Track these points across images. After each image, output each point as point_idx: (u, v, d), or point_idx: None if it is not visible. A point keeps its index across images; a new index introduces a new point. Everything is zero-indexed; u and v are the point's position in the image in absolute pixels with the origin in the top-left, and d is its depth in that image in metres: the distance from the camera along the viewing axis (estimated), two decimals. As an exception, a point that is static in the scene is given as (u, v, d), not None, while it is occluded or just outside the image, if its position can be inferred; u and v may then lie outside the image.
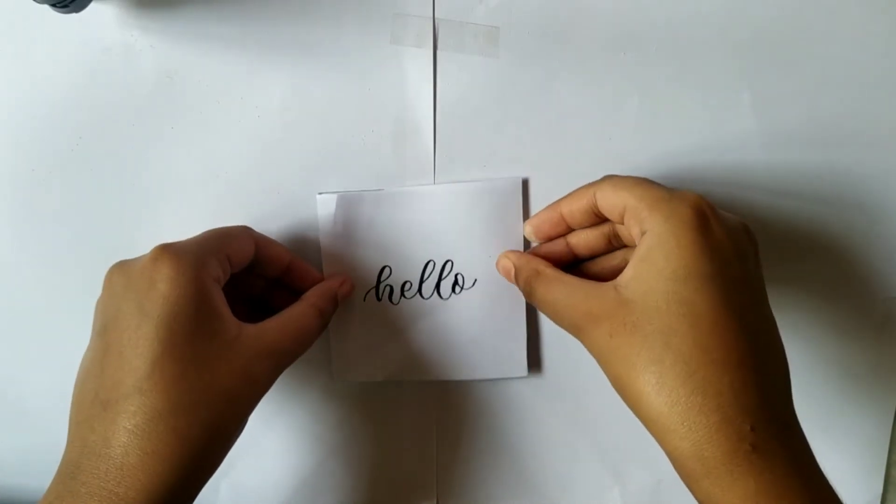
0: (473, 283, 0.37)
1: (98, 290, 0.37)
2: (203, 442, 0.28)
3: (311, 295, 0.35)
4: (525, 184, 0.36)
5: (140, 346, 0.28)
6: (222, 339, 0.29)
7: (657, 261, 0.28)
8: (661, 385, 0.26)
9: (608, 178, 0.31)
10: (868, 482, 0.41)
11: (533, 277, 0.33)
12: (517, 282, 0.35)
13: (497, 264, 0.36)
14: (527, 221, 0.35)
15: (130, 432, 0.27)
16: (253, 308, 0.37)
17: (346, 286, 0.37)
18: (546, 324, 0.38)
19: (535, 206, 0.36)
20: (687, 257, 0.27)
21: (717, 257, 0.28)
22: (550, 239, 0.35)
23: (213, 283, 0.30)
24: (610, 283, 0.29)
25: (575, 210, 0.33)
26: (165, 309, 0.28)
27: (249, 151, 0.36)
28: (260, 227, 0.36)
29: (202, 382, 0.28)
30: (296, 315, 0.33)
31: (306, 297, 0.35)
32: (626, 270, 0.29)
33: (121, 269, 0.31)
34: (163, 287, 0.28)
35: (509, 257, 0.35)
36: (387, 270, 0.37)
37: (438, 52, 0.35)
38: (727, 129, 0.36)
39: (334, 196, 0.37)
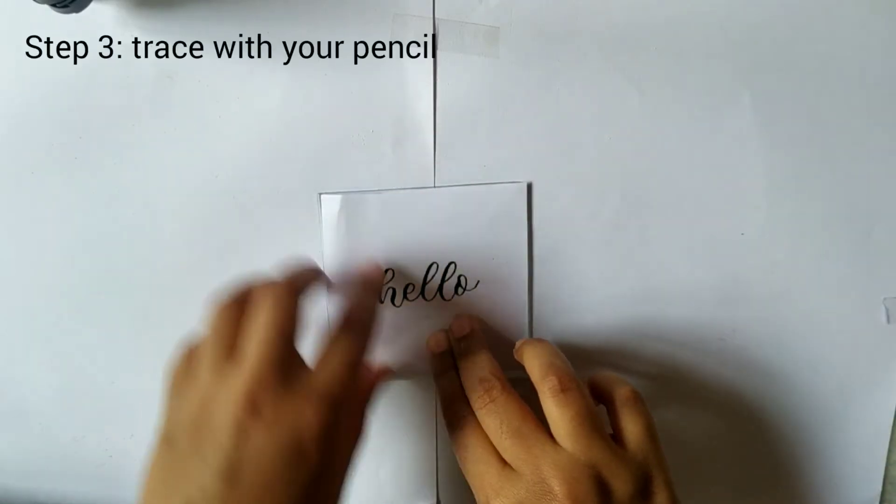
0: (476, 285, 0.37)
1: (98, 289, 0.37)
2: None
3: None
4: (529, 188, 0.36)
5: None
6: (331, 495, 0.30)
7: None
8: None
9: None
10: (868, 482, 0.41)
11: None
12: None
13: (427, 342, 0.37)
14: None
15: None
16: None
17: None
18: (547, 325, 0.38)
19: (538, 209, 0.36)
20: None
21: None
22: None
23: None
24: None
25: None
26: (309, 477, 0.27)
27: (249, 151, 0.36)
28: (260, 227, 0.36)
29: None
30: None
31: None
32: None
33: (254, 407, 0.27)
34: (312, 454, 0.27)
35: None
36: (389, 273, 0.37)
37: (438, 52, 0.35)
38: (727, 129, 0.36)
39: (339, 196, 0.37)
